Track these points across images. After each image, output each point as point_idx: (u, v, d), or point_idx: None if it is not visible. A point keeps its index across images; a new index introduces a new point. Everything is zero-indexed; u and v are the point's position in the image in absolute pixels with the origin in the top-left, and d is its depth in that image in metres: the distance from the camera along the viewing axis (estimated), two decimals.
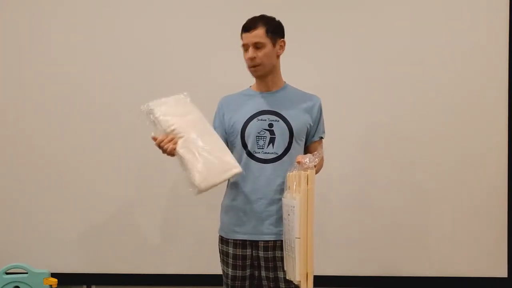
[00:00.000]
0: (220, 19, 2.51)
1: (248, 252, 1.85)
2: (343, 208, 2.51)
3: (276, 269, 1.82)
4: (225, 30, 2.36)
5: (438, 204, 2.51)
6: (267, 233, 1.82)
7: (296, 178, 1.64)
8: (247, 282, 1.87)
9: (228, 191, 1.91)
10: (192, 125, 1.76)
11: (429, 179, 2.51)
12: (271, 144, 1.83)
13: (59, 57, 2.57)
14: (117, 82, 2.55)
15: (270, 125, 1.83)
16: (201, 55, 2.53)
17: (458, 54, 2.51)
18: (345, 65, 2.52)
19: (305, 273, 1.61)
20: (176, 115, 1.76)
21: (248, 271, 1.86)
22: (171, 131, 1.74)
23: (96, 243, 2.57)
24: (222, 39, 2.47)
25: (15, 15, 2.58)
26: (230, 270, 1.87)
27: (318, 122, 1.91)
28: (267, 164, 1.82)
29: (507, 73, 2.50)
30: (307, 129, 1.88)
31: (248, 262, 1.85)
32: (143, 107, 1.78)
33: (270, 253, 1.82)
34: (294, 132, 1.83)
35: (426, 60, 2.50)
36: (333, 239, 2.49)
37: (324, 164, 1.93)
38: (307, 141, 1.91)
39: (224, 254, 1.89)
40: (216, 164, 1.71)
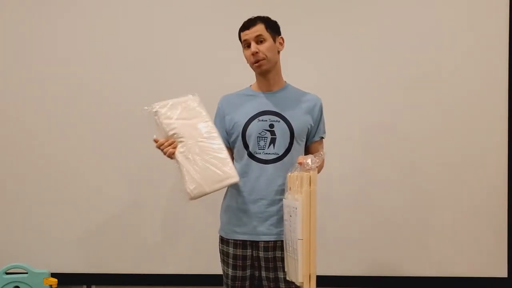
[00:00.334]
0: (221, 19, 2.51)
1: (249, 253, 1.85)
2: (343, 208, 2.51)
3: (277, 270, 1.82)
4: (226, 30, 2.36)
5: (438, 204, 2.51)
6: (268, 234, 1.82)
7: (298, 179, 1.64)
8: (247, 283, 1.87)
9: (229, 191, 1.91)
10: (194, 130, 1.74)
11: (429, 179, 2.51)
12: (272, 145, 1.82)
13: (60, 57, 2.56)
14: (117, 82, 2.55)
15: (271, 126, 1.83)
16: (201, 55, 2.53)
17: (458, 54, 2.51)
18: (345, 65, 2.52)
19: (308, 275, 1.61)
20: (180, 119, 1.75)
21: (249, 272, 1.86)
22: (172, 135, 1.74)
23: (96, 243, 2.57)
24: (222, 39, 2.47)
25: (16, 15, 2.57)
26: (231, 270, 1.87)
27: (319, 123, 1.91)
28: (268, 165, 1.82)
29: (507, 73, 2.50)
30: (308, 130, 1.88)
31: (249, 263, 1.85)
32: (148, 108, 1.77)
33: (271, 254, 1.82)
34: (295, 133, 1.83)
35: (426, 60, 2.50)
36: (333, 239, 2.49)
37: (324, 164, 1.93)
38: (308, 141, 1.91)
39: (224, 254, 1.89)
40: (212, 173, 1.70)
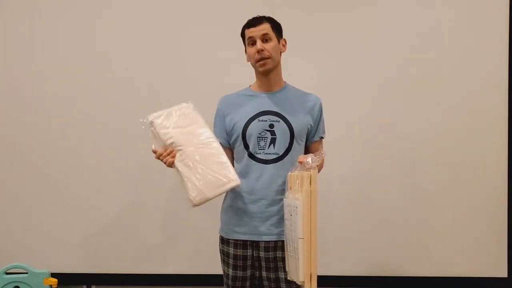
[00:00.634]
0: (221, 19, 2.51)
1: (249, 253, 1.84)
2: (343, 208, 2.51)
3: (277, 270, 1.82)
4: (226, 30, 2.37)
5: (438, 204, 2.51)
6: (268, 234, 1.82)
7: (298, 178, 1.64)
8: (248, 283, 1.87)
9: (229, 192, 1.89)
10: (192, 137, 1.75)
11: (429, 179, 2.51)
12: (272, 145, 1.82)
13: (60, 57, 2.57)
14: (117, 82, 2.55)
15: (271, 126, 1.83)
16: (201, 55, 2.52)
17: (458, 54, 2.50)
18: (345, 65, 2.52)
19: (309, 274, 1.61)
20: (176, 127, 1.76)
21: (249, 272, 1.86)
22: (170, 144, 1.74)
23: (96, 243, 2.57)
24: (222, 39, 2.47)
25: (16, 15, 2.57)
26: (231, 271, 1.87)
27: (319, 122, 1.91)
28: (268, 165, 1.82)
29: (507, 73, 2.50)
30: (308, 129, 1.88)
31: (249, 263, 1.85)
32: (143, 120, 1.77)
33: (271, 254, 1.82)
34: (295, 133, 1.83)
35: (426, 60, 2.50)
36: (333, 239, 2.49)
37: (324, 164, 1.93)
38: (308, 141, 1.91)
39: (225, 254, 1.89)
40: (213, 178, 1.70)
